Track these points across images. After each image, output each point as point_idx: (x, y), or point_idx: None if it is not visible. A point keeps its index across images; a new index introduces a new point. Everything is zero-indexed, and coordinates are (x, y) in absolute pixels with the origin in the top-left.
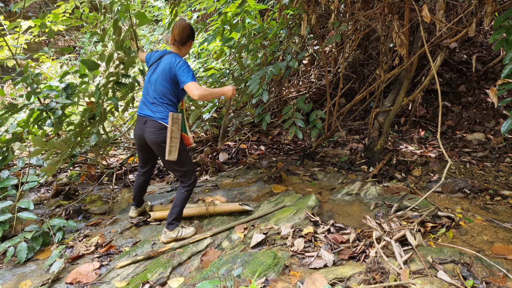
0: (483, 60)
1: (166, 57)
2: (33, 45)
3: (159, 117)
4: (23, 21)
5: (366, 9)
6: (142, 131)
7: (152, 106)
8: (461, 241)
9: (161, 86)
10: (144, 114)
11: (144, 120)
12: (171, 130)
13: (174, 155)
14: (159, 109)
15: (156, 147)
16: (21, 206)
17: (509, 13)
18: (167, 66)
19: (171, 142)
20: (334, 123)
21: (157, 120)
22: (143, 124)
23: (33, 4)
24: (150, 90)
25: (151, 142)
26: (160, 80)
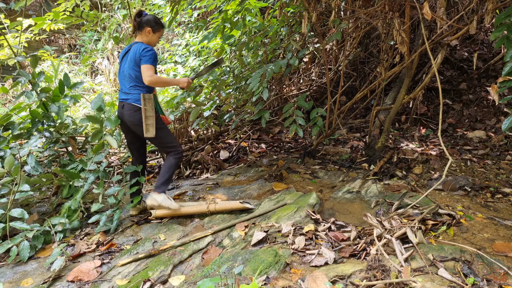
0: (484, 58)
1: (133, 46)
2: (33, 44)
3: (133, 99)
4: (24, 20)
5: (367, 6)
6: (122, 115)
7: (127, 91)
8: (462, 239)
9: (131, 72)
10: (122, 99)
11: (122, 105)
12: (145, 110)
13: (152, 132)
14: (132, 92)
15: (136, 127)
16: (14, 216)
17: (510, 11)
18: (133, 54)
19: (147, 120)
20: (335, 121)
21: (131, 103)
22: (122, 108)
23: (33, 2)
24: (123, 77)
25: (130, 123)
26: (130, 66)
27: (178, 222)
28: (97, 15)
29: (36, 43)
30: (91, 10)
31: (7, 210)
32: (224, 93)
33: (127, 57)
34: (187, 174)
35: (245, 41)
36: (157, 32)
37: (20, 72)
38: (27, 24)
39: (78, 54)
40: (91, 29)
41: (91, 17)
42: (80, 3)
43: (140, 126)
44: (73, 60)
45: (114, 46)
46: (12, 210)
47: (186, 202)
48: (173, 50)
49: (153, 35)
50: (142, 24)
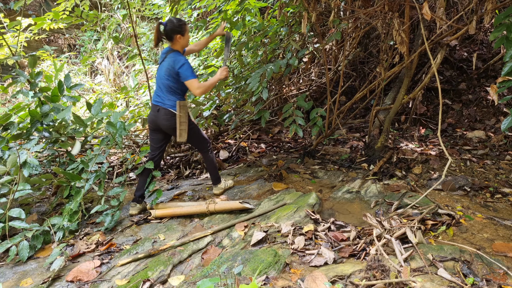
0: (484, 58)
1: (169, 55)
2: (33, 43)
3: (169, 105)
4: (23, 19)
5: (366, 6)
6: (156, 118)
7: (163, 96)
8: (462, 239)
9: (166, 81)
10: (156, 103)
11: (157, 108)
12: (179, 116)
13: (184, 137)
14: (169, 98)
15: (170, 130)
16: (12, 215)
17: (510, 11)
18: (169, 65)
19: (180, 126)
20: (334, 121)
21: (167, 108)
22: (157, 112)
23: (33, 2)
24: (159, 83)
25: (165, 127)
26: (165, 76)
27: (178, 222)
28: (96, 15)
29: (36, 42)
30: (91, 10)
31: (6, 210)
32: (223, 93)
33: (163, 65)
34: (187, 174)
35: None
36: (185, 32)
37: (18, 71)
38: (26, 24)
39: (77, 54)
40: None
41: (91, 17)
42: (79, 3)
43: (174, 129)
44: (72, 60)
45: (114, 46)
46: (11, 210)
47: (186, 202)
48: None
49: (183, 38)
50: (170, 35)
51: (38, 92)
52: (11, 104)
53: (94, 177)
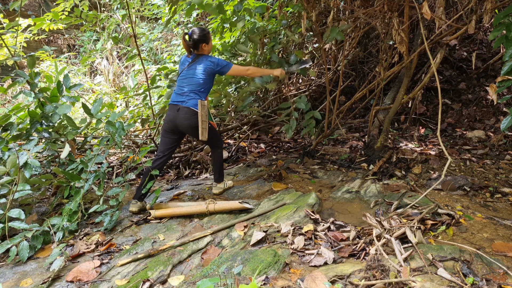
0: (483, 58)
1: (202, 58)
2: (32, 44)
3: (191, 104)
4: (22, 20)
5: (366, 6)
6: (175, 117)
7: (185, 95)
8: (461, 239)
9: (199, 80)
10: (177, 102)
11: (177, 108)
12: (201, 115)
13: (205, 136)
14: (191, 97)
15: (190, 129)
16: (12, 216)
17: (509, 10)
18: (207, 63)
19: (202, 125)
20: (334, 121)
21: (189, 107)
22: (176, 111)
23: (32, 2)
24: (185, 83)
25: (185, 126)
26: (200, 74)
27: (178, 222)
28: (96, 15)
29: (35, 43)
30: (90, 10)
31: (6, 210)
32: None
33: (195, 65)
34: (186, 174)
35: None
36: (209, 40)
37: (18, 72)
38: (26, 24)
39: (77, 54)
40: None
41: (90, 17)
42: (79, 3)
43: (194, 129)
44: (72, 60)
45: (113, 46)
46: (10, 211)
47: (185, 202)
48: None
49: (208, 46)
50: (197, 45)
51: (38, 93)
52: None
53: (93, 177)
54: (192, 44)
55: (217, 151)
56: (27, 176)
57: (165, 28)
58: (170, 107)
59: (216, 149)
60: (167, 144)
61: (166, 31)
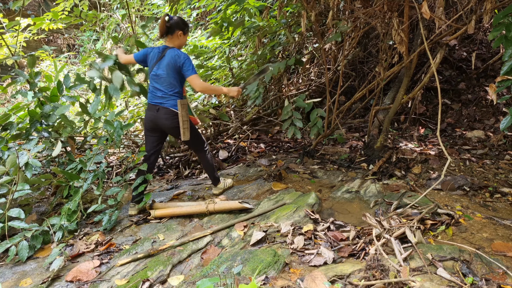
0: (483, 58)
1: (169, 51)
2: (32, 43)
3: (170, 105)
4: (22, 19)
5: (365, 6)
6: (155, 117)
7: (163, 96)
8: (461, 239)
9: (169, 78)
10: (156, 103)
11: (157, 108)
12: (182, 115)
13: (187, 136)
14: (169, 97)
15: (171, 130)
16: (12, 215)
17: (508, 10)
18: (172, 60)
19: (184, 125)
20: (334, 121)
21: (168, 108)
22: (156, 112)
23: (32, 2)
24: (158, 82)
25: (166, 127)
26: (168, 72)
27: (177, 222)
28: (95, 15)
29: (35, 42)
30: (90, 10)
31: (5, 210)
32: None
33: (162, 63)
34: (186, 174)
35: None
36: (187, 33)
37: (18, 71)
38: (26, 24)
39: (77, 54)
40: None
41: (90, 17)
42: (78, 3)
43: (175, 129)
44: (72, 60)
45: (113, 46)
46: (10, 210)
47: (185, 202)
48: None
49: (183, 37)
50: (173, 28)
51: (37, 92)
52: (11, 104)
53: (92, 177)
54: (169, 27)
55: (205, 156)
56: (28, 176)
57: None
58: (149, 106)
59: (202, 153)
60: (151, 143)
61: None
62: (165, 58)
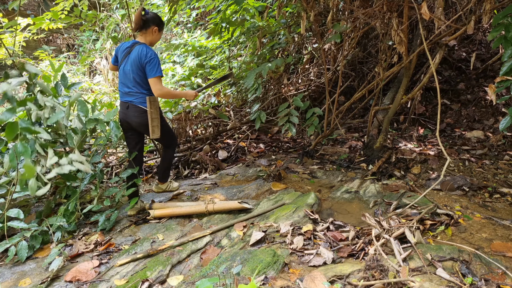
0: (482, 58)
1: (137, 47)
2: (32, 43)
3: (139, 102)
4: (22, 19)
5: (365, 6)
6: (126, 116)
7: (131, 93)
8: (460, 239)
9: (135, 75)
10: (125, 100)
11: (126, 106)
12: (151, 112)
13: (158, 133)
14: (137, 95)
15: (141, 127)
16: (11, 216)
17: (508, 11)
18: (137, 57)
19: (153, 122)
20: (333, 121)
21: (137, 105)
22: (126, 109)
23: (31, 1)
24: (126, 79)
25: (135, 124)
26: (134, 70)
27: (177, 222)
28: (95, 15)
29: (35, 42)
30: (90, 10)
31: (4, 210)
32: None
33: (129, 58)
34: (186, 174)
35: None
36: (161, 30)
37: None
38: (25, 24)
39: (76, 54)
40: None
41: (90, 17)
42: (78, 2)
43: (145, 126)
44: (71, 60)
45: (113, 46)
46: (9, 210)
47: (185, 202)
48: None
49: (158, 34)
50: (148, 23)
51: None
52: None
53: (89, 177)
54: (145, 20)
55: (169, 152)
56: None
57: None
58: (121, 104)
59: (169, 149)
60: (131, 142)
61: (165, 30)
62: (132, 53)
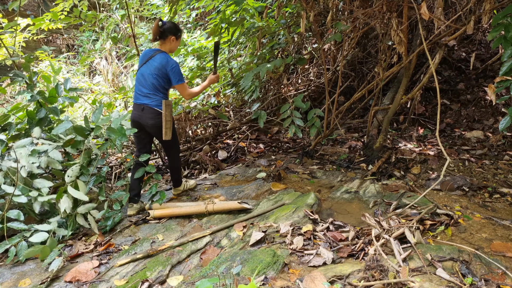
0: (482, 58)
1: (158, 56)
2: (31, 44)
3: (155, 105)
4: (21, 19)
5: (365, 7)
6: (140, 117)
7: (148, 95)
8: (460, 239)
9: (154, 80)
10: (141, 102)
11: (141, 108)
12: (165, 115)
13: (169, 135)
14: (154, 98)
15: (154, 129)
16: (11, 217)
17: (508, 11)
18: (159, 65)
19: (166, 125)
20: (333, 121)
21: (153, 107)
22: (141, 111)
23: (31, 2)
24: (144, 82)
25: (149, 126)
26: (153, 75)
27: (176, 223)
28: (95, 15)
29: (34, 43)
30: (89, 10)
31: (4, 211)
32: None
33: (151, 64)
34: (185, 174)
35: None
36: (179, 38)
37: (16, 72)
38: (25, 24)
39: (76, 54)
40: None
41: (89, 17)
42: (78, 3)
43: (158, 128)
44: (71, 60)
45: (112, 46)
46: (9, 211)
47: (185, 202)
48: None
49: (176, 42)
50: (165, 33)
51: (36, 95)
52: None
53: (94, 180)
54: (162, 31)
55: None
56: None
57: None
58: (135, 106)
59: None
60: (140, 143)
61: None
62: (155, 60)
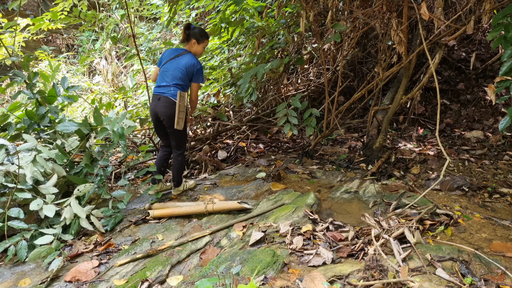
0: (482, 58)
1: (187, 55)
2: (31, 43)
3: (170, 94)
4: (21, 19)
5: (364, 7)
6: (156, 107)
7: (167, 87)
8: (460, 239)
9: (180, 74)
10: (159, 92)
11: (158, 97)
12: (179, 105)
13: (181, 125)
14: (171, 89)
15: (167, 118)
16: (11, 215)
17: (507, 11)
18: (189, 63)
19: (179, 114)
20: (333, 121)
21: (168, 97)
22: (157, 100)
23: (31, 2)
24: (167, 74)
25: (162, 114)
26: (181, 70)
27: (176, 222)
28: (95, 15)
29: (34, 43)
30: (89, 10)
31: (5, 209)
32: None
33: (178, 61)
34: (185, 174)
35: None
36: (201, 43)
37: (16, 72)
38: (25, 24)
39: (76, 54)
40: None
41: (89, 17)
42: (77, 3)
43: (170, 117)
44: (70, 60)
45: (112, 46)
46: (10, 210)
47: (184, 202)
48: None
49: (197, 46)
50: (189, 37)
51: (35, 94)
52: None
53: (98, 181)
54: (187, 35)
55: (179, 158)
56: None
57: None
58: (153, 97)
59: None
60: (160, 133)
61: (165, 31)
62: (182, 59)
